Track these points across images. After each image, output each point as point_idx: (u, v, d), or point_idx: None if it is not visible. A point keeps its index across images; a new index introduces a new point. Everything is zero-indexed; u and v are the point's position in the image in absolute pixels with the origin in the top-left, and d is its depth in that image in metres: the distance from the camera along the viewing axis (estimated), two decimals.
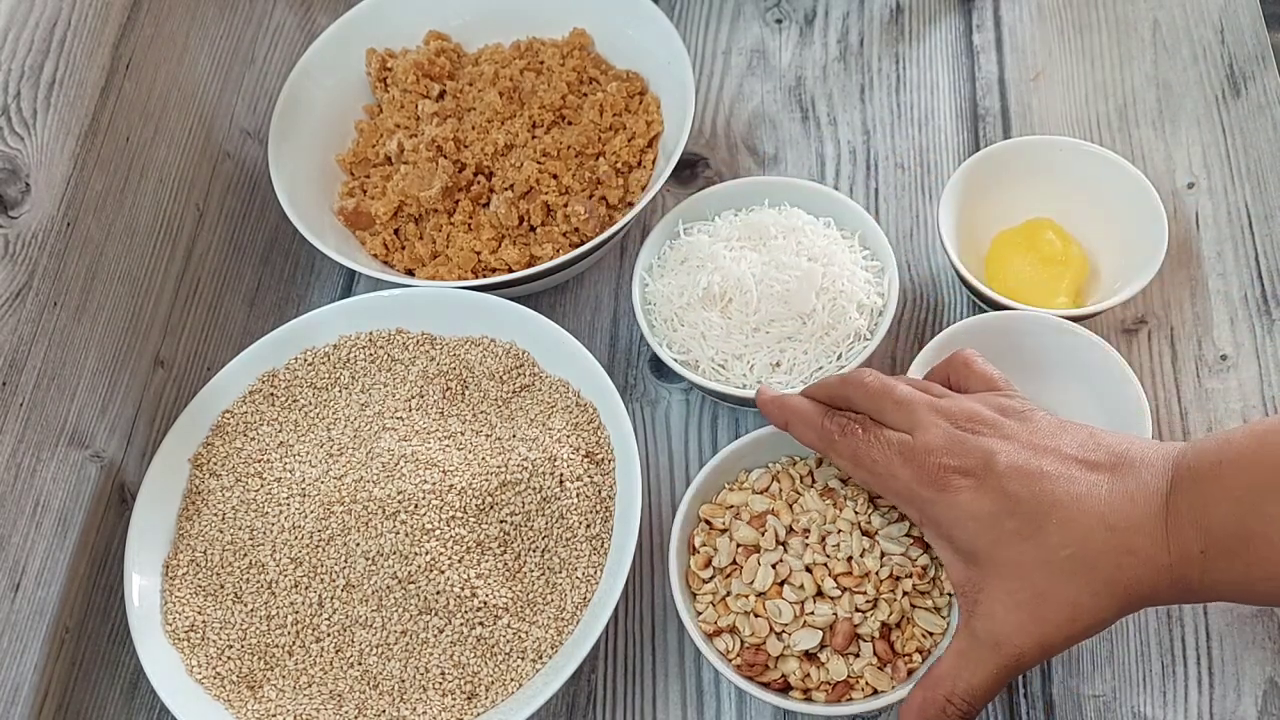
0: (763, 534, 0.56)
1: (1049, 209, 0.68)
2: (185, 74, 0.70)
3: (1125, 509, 0.47)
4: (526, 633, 0.56)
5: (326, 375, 0.65)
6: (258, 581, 0.58)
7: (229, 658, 0.57)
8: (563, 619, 0.57)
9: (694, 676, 0.59)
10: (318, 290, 0.75)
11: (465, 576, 0.56)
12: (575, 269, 0.70)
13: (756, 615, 0.54)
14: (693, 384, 0.64)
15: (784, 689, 0.54)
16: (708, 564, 0.57)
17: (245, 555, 0.59)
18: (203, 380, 0.64)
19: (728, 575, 0.56)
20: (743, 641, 0.55)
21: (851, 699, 0.53)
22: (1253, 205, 0.70)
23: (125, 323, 0.63)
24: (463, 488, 0.57)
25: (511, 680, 0.55)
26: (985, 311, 0.64)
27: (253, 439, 0.63)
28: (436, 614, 0.56)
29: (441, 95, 0.75)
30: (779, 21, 0.83)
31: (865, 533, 0.56)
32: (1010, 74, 0.78)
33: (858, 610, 0.54)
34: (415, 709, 0.55)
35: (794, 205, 0.68)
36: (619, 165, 0.71)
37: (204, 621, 0.58)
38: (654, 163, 0.72)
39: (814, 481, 0.59)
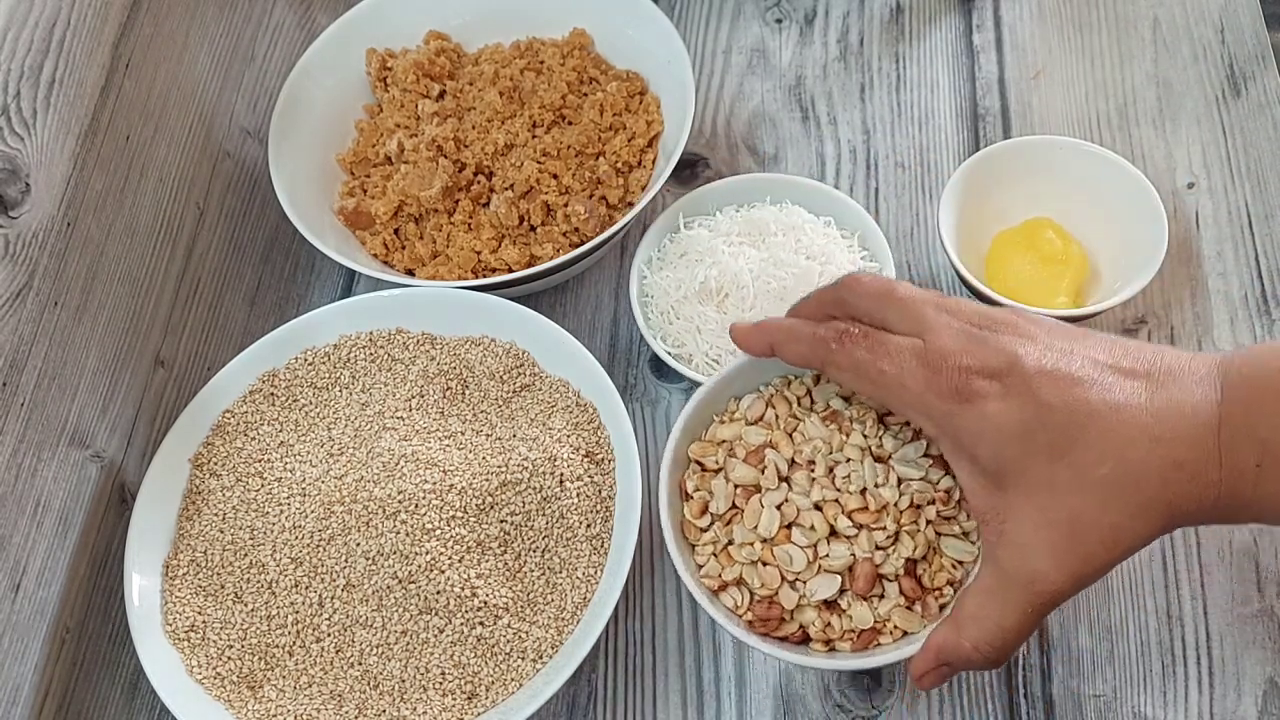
0: (762, 471, 0.50)
1: (1049, 208, 0.68)
2: (185, 73, 0.70)
3: (1171, 419, 0.41)
4: (527, 632, 0.56)
5: (327, 375, 0.65)
6: (258, 581, 0.58)
7: (229, 658, 0.57)
8: (563, 619, 0.57)
9: (694, 676, 0.59)
10: (318, 290, 0.75)
11: (465, 576, 0.56)
12: (575, 269, 0.70)
13: (765, 564, 0.49)
14: (687, 379, 0.64)
15: (803, 642, 0.50)
16: (704, 510, 0.51)
17: (245, 555, 0.59)
18: (203, 380, 0.64)
19: (727, 522, 0.51)
20: (753, 595, 0.49)
21: (880, 645, 0.49)
22: (1253, 205, 0.70)
23: (126, 322, 0.63)
24: (463, 487, 0.57)
25: (512, 680, 0.55)
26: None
27: (253, 439, 0.63)
28: (437, 614, 0.56)
29: (441, 95, 0.75)
30: (779, 21, 0.83)
31: (878, 458, 0.50)
32: (1010, 73, 0.78)
33: (878, 548, 0.48)
34: (415, 709, 0.55)
35: (794, 203, 0.68)
36: (619, 165, 0.71)
37: (204, 621, 0.58)
38: (654, 162, 0.72)
39: (813, 403, 0.53)
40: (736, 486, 0.51)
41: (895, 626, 0.48)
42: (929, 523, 0.49)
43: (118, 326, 0.63)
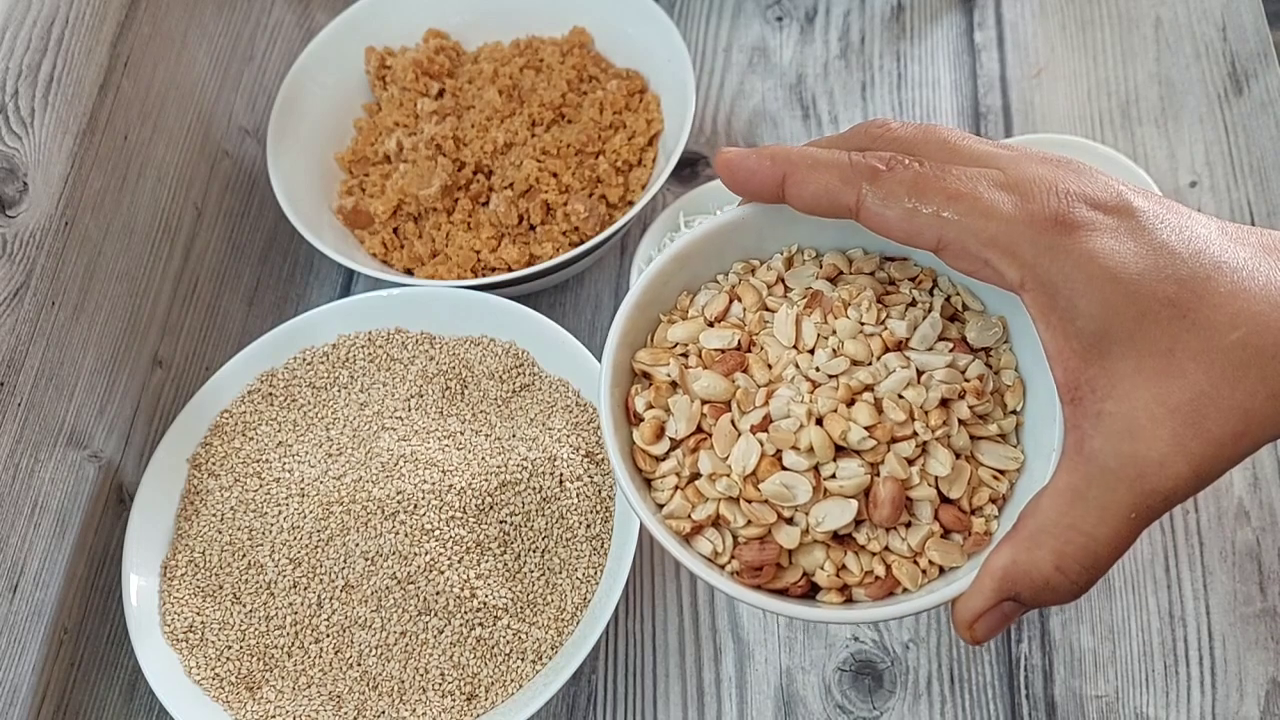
0: (735, 383, 0.39)
1: None
2: (183, 72, 0.70)
3: None
4: (526, 633, 0.56)
5: (325, 375, 0.65)
6: (256, 582, 0.58)
7: (228, 659, 0.56)
8: (563, 619, 0.56)
9: (694, 677, 0.59)
10: (316, 289, 0.75)
11: (465, 577, 0.56)
12: (575, 268, 0.70)
13: (749, 500, 0.38)
14: None
15: (809, 593, 0.39)
16: (659, 435, 0.39)
17: (244, 556, 0.59)
18: (201, 380, 0.64)
19: (693, 449, 0.39)
20: (736, 537, 0.38)
21: (910, 591, 0.38)
22: (1255, 203, 0.70)
23: (123, 322, 0.63)
24: (462, 488, 0.57)
25: (511, 681, 0.55)
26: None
27: (251, 439, 0.63)
28: (436, 615, 0.55)
29: (441, 93, 0.75)
30: (780, 19, 0.83)
31: (888, 346, 0.39)
32: (1012, 71, 0.78)
33: (908, 462, 0.37)
34: (415, 710, 0.55)
35: None
36: (619, 164, 0.71)
37: (202, 622, 0.57)
38: (654, 161, 0.72)
39: (788, 289, 0.41)
40: (703, 403, 0.39)
41: (932, 562, 0.38)
42: (961, 423, 0.38)
43: (115, 326, 0.63)
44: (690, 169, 0.76)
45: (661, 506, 0.39)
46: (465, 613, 0.55)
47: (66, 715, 0.59)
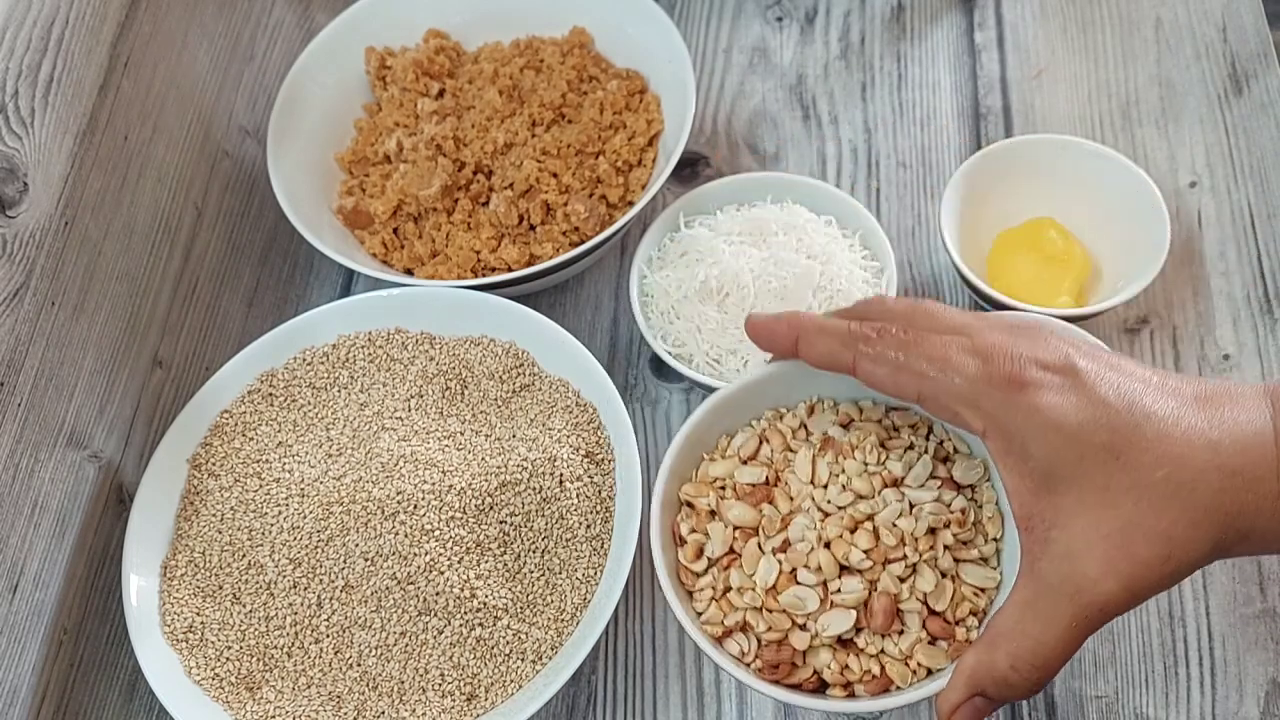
0: (761, 512, 0.48)
1: (1051, 208, 0.68)
2: (184, 72, 0.70)
3: (1227, 427, 0.40)
4: (526, 634, 0.56)
5: (325, 375, 0.64)
6: (256, 582, 0.58)
7: (228, 659, 0.56)
8: (563, 620, 0.56)
9: (694, 677, 0.59)
10: (316, 290, 0.75)
11: (465, 577, 0.55)
12: (575, 268, 0.70)
13: (769, 610, 0.46)
14: (687, 379, 0.64)
15: (819, 689, 0.46)
16: (699, 554, 0.49)
17: (244, 556, 0.59)
18: (201, 380, 0.64)
19: (725, 567, 0.48)
20: (759, 640, 0.46)
21: (901, 688, 0.45)
22: (1255, 204, 0.70)
23: (123, 322, 0.63)
24: (462, 488, 0.57)
25: (511, 681, 0.55)
26: (987, 311, 0.64)
27: (251, 439, 0.63)
28: (436, 615, 0.55)
29: (441, 93, 0.75)
30: (780, 19, 0.83)
31: (887, 483, 0.47)
32: (1012, 72, 0.78)
33: (899, 580, 0.45)
34: (415, 710, 0.55)
35: (796, 202, 0.68)
36: (619, 164, 0.71)
37: (202, 622, 0.57)
38: (654, 161, 0.72)
39: (809, 434, 0.50)
40: (735, 529, 0.48)
41: (919, 664, 0.45)
42: (946, 548, 0.46)
43: (115, 326, 0.63)
44: (690, 169, 0.76)
45: (700, 614, 0.48)
46: (465, 613, 0.55)
47: (66, 715, 0.59)
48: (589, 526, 0.58)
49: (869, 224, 0.66)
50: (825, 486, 0.48)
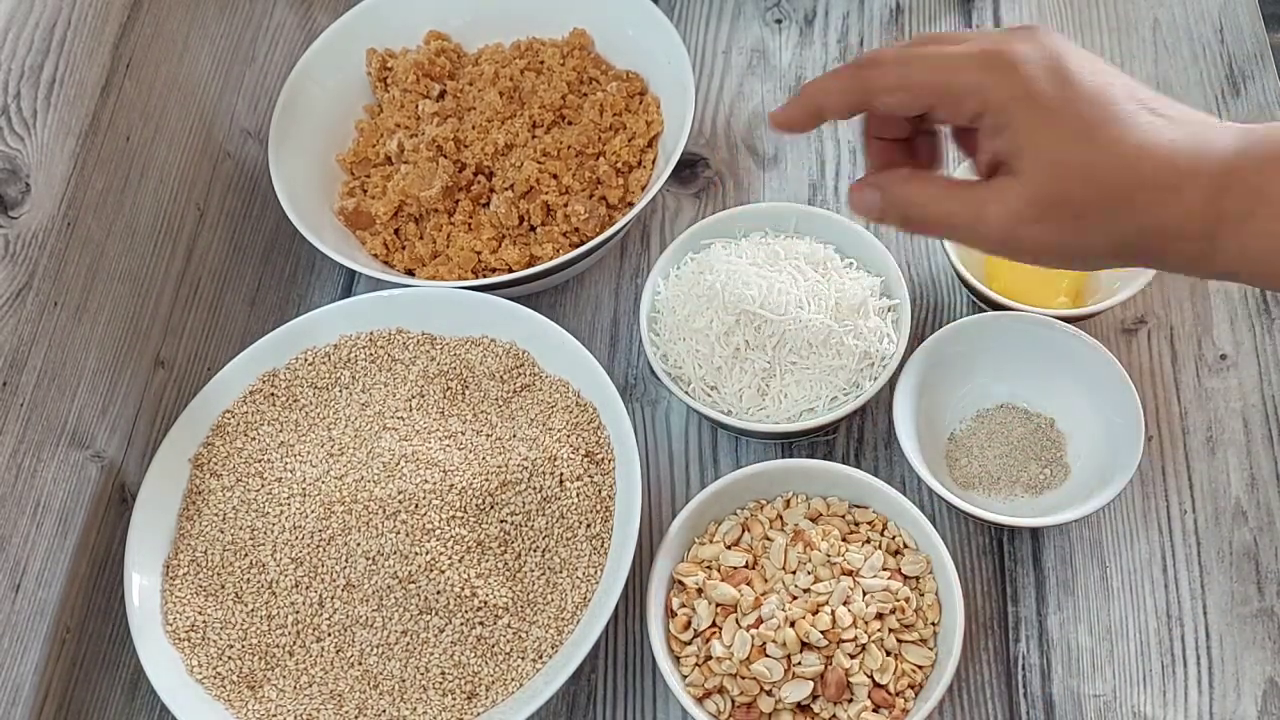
0: (740, 592, 0.56)
1: None
2: (185, 73, 0.70)
3: (1180, 136, 0.42)
4: (527, 632, 0.56)
5: (327, 375, 0.65)
6: (258, 581, 0.58)
7: (229, 658, 0.57)
8: (563, 618, 0.57)
9: None
10: (318, 290, 0.75)
11: (465, 576, 0.56)
12: (575, 269, 0.70)
13: (743, 677, 0.54)
14: (682, 401, 0.63)
15: None
16: (687, 626, 0.56)
17: (246, 555, 0.59)
18: (203, 380, 0.64)
19: (708, 639, 0.55)
20: (733, 701, 0.55)
21: None
22: None
23: (126, 323, 0.63)
24: (463, 487, 0.57)
25: (512, 680, 0.55)
26: (985, 311, 0.64)
27: (253, 439, 0.63)
28: (437, 614, 0.56)
29: (442, 95, 0.75)
30: (779, 21, 0.83)
31: (845, 572, 0.56)
32: None
33: (850, 656, 0.54)
34: (415, 709, 0.55)
35: (823, 239, 0.66)
36: (619, 165, 0.71)
37: (204, 621, 0.58)
38: (654, 162, 0.72)
39: (784, 525, 0.59)
40: (717, 605, 0.56)
41: None
42: (891, 631, 0.55)
43: (118, 327, 0.63)
44: (690, 170, 0.76)
45: (685, 677, 0.56)
46: (466, 612, 0.56)
47: (69, 714, 0.59)
48: (589, 526, 0.58)
49: (892, 272, 0.64)
50: (794, 572, 0.56)
